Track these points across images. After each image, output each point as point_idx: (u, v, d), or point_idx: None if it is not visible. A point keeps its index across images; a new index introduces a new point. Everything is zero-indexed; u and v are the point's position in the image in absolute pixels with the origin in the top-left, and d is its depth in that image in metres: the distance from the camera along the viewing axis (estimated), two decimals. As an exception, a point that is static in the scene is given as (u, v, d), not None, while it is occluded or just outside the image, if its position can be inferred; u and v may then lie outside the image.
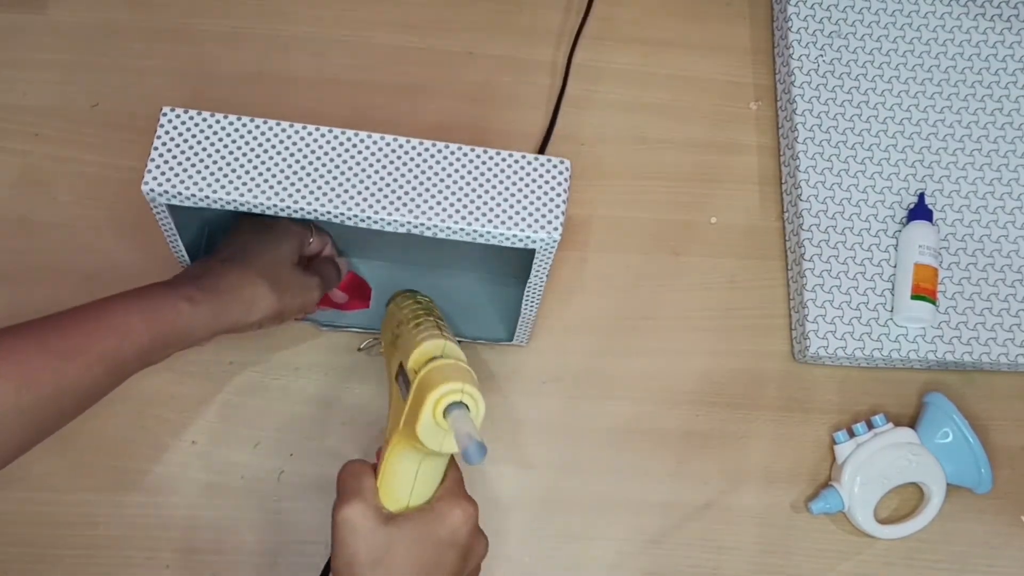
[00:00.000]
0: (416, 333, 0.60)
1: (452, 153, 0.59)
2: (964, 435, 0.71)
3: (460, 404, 0.52)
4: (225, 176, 0.57)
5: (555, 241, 0.58)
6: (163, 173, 0.56)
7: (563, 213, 0.58)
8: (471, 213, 0.57)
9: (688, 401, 0.75)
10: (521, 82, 0.82)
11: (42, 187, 0.75)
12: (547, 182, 0.59)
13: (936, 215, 0.78)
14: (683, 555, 0.71)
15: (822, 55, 0.82)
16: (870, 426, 0.72)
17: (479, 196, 0.58)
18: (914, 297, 0.74)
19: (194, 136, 0.57)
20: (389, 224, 0.57)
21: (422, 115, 0.80)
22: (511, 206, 0.58)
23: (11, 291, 0.72)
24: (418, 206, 0.57)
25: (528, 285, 0.64)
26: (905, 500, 0.73)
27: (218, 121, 0.58)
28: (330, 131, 0.59)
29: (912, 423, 0.74)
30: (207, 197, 0.56)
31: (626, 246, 0.78)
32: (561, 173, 0.59)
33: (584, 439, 0.73)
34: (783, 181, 0.81)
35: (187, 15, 0.81)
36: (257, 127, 0.58)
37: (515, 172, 0.59)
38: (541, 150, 0.79)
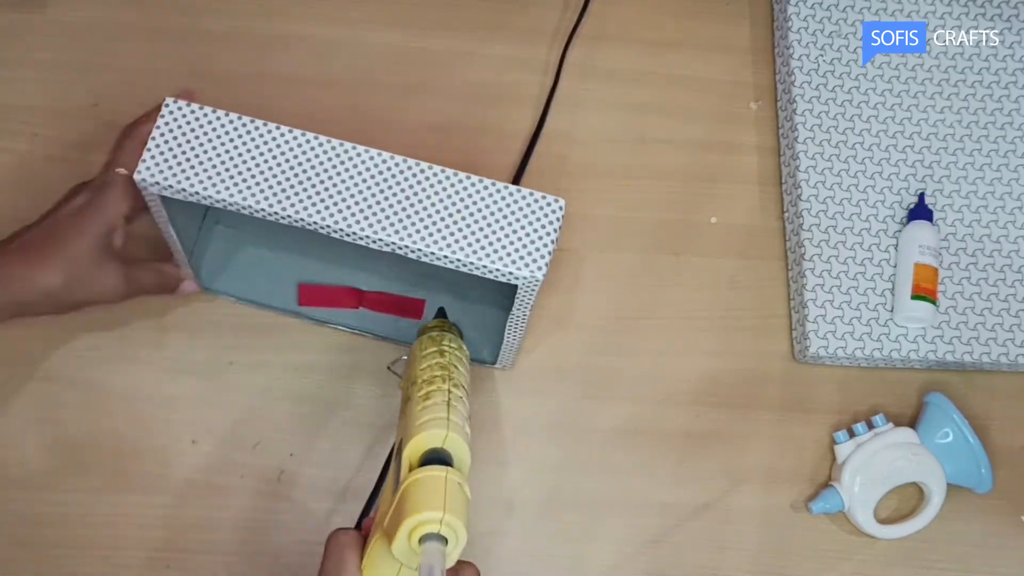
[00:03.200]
0: (421, 412, 0.57)
1: (448, 178, 0.58)
2: (964, 435, 0.71)
3: (436, 536, 0.49)
4: (219, 174, 0.56)
5: (538, 280, 0.57)
6: (157, 164, 0.56)
7: (550, 253, 0.57)
8: (456, 242, 0.56)
9: (688, 401, 0.75)
10: (520, 82, 0.82)
11: (42, 187, 0.75)
12: (539, 219, 0.58)
13: (936, 215, 0.78)
14: (683, 555, 0.71)
15: (822, 55, 0.82)
16: (870, 426, 0.72)
17: (467, 225, 0.57)
18: (914, 297, 0.74)
19: (193, 130, 0.57)
20: (374, 242, 0.57)
21: (420, 114, 0.80)
22: (499, 239, 0.57)
23: (11, 291, 0.72)
24: (405, 228, 0.56)
25: (511, 317, 0.63)
26: (905, 500, 0.73)
27: (219, 118, 0.58)
28: (329, 141, 0.58)
29: (912, 423, 0.74)
30: (197, 193, 0.56)
31: (626, 246, 0.78)
32: (554, 212, 0.58)
33: (584, 439, 0.73)
34: (783, 181, 0.81)
35: (187, 15, 0.81)
36: (256, 128, 0.58)
37: (507, 205, 0.58)
38: (529, 149, 0.78)
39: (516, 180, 0.77)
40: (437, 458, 0.54)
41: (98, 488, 0.68)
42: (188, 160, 0.56)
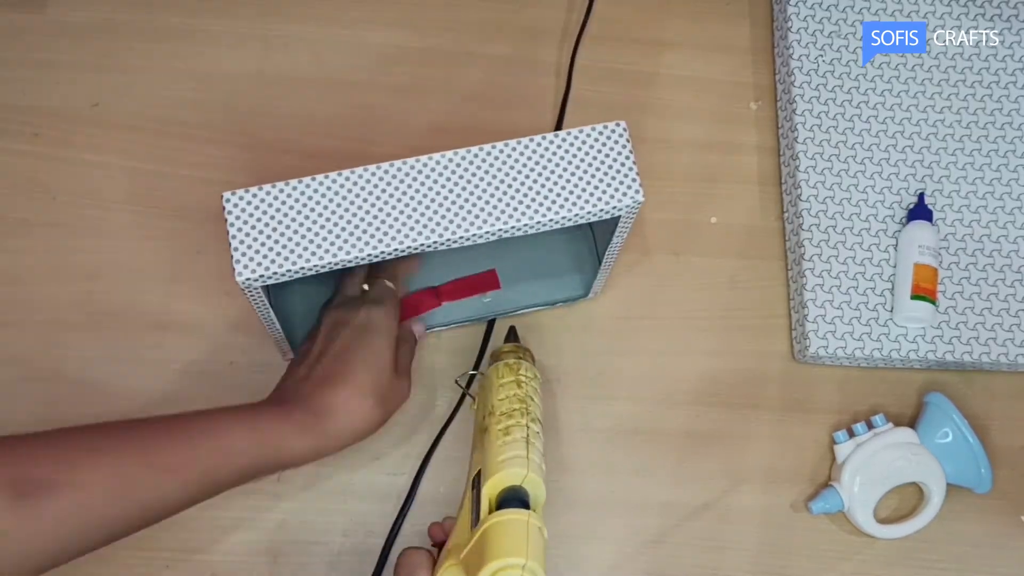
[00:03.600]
0: (501, 446, 0.59)
1: (513, 150, 0.59)
2: (964, 435, 0.71)
3: None
4: (312, 241, 0.56)
5: (639, 204, 0.59)
6: (251, 259, 0.55)
7: (637, 175, 0.59)
8: (554, 202, 0.58)
9: (688, 401, 0.75)
10: (521, 82, 0.82)
11: (42, 187, 0.75)
12: (611, 149, 0.59)
13: (936, 215, 0.78)
14: (683, 555, 0.71)
15: (822, 55, 0.82)
16: (870, 426, 0.72)
17: (555, 183, 0.58)
18: (914, 297, 0.74)
19: (264, 212, 0.56)
20: (481, 237, 0.57)
21: (422, 115, 0.80)
22: (588, 183, 0.58)
23: (11, 291, 0.72)
24: (503, 212, 0.57)
25: (610, 246, 0.65)
26: (905, 500, 0.73)
27: (281, 190, 0.57)
28: (379, 167, 0.58)
29: (912, 423, 0.74)
30: (303, 268, 0.56)
31: (626, 246, 0.78)
32: (620, 135, 0.60)
33: (584, 439, 0.73)
34: (783, 181, 0.81)
35: (187, 15, 0.81)
36: (321, 183, 0.57)
37: (578, 148, 0.59)
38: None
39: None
40: (516, 497, 0.56)
41: (98, 488, 0.68)
42: (276, 241, 0.56)
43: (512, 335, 0.71)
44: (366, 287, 0.67)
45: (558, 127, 0.80)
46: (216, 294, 0.73)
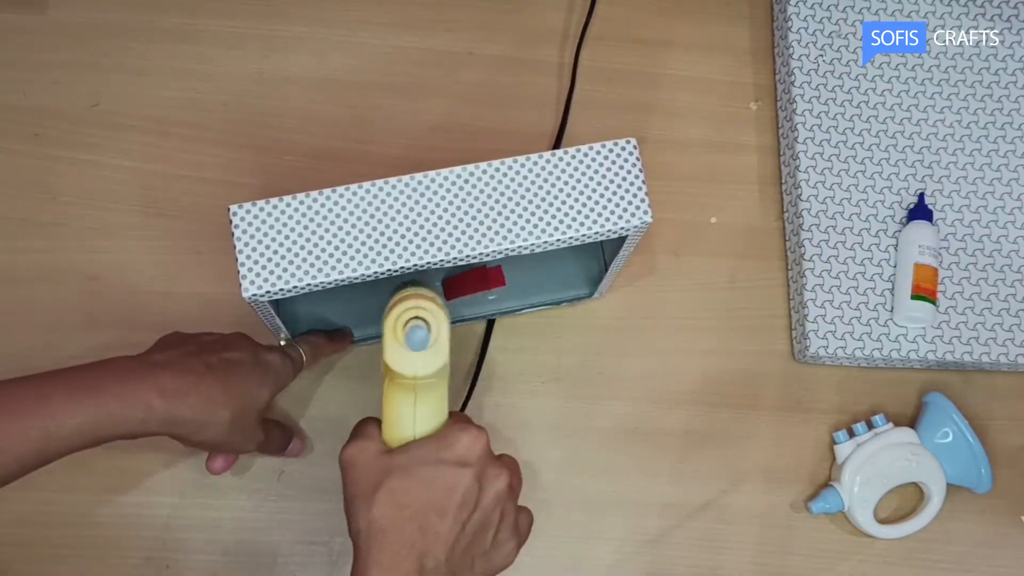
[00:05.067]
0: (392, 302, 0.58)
1: (522, 166, 0.58)
2: (964, 435, 0.71)
3: (417, 322, 0.53)
4: (319, 258, 0.56)
5: (647, 224, 0.58)
6: (258, 274, 0.55)
7: (646, 194, 0.58)
8: (562, 222, 0.57)
9: (688, 401, 0.75)
10: (521, 82, 0.82)
11: (42, 187, 0.75)
12: (621, 167, 0.58)
13: (936, 215, 0.78)
14: (683, 555, 0.71)
15: (822, 55, 0.82)
16: (870, 426, 0.72)
17: (563, 202, 0.57)
18: (914, 297, 0.74)
19: (271, 227, 0.56)
20: (487, 255, 0.57)
21: (422, 115, 0.80)
22: (596, 202, 0.58)
23: (11, 291, 0.72)
24: (510, 230, 0.57)
25: (616, 258, 0.65)
26: (905, 500, 0.73)
27: (288, 204, 0.56)
28: (400, 180, 0.57)
29: (912, 423, 0.74)
30: (309, 284, 0.55)
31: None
32: (631, 153, 0.59)
33: (584, 439, 0.73)
34: (783, 181, 0.81)
35: (187, 15, 0.81)
36: (328, 198, 0.57)
37: (587, 167, 0.58)
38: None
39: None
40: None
41: (97, 488, 0.68)
42: (283, 257, 0.56)
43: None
44: (283, 342, 0.66)
45: (562, 128, 0.79)
46: (216, 294, 0.73)
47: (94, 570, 0.67)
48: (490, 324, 0.74)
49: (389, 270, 0.56)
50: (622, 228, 0.58)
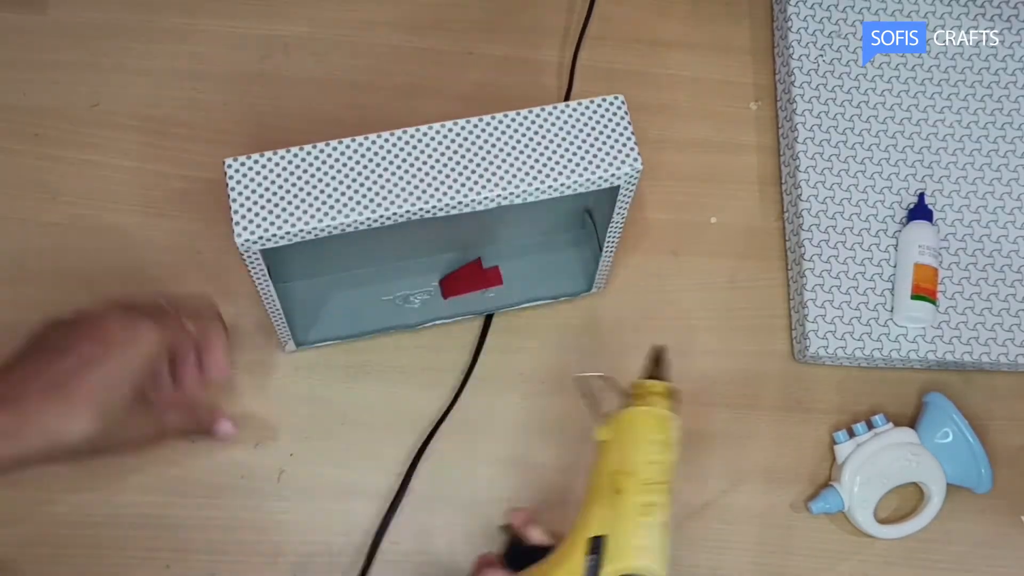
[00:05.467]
0: (637, 527, 0.55)
1: (512, 120, 0.59)
2: (964, 435, 0.71)
3: None
4: (311, 206, 0.56)
5: (638, 172, 0.59)
6: (251, 221, 0.56)
7: (635, 144, 0.59)
8: (552, 170, 0.58)
9: (688, 401, 0.74)
10: (521, 82, 0.82)
11: (42, 187, 0.75)
12: (610, 120, 0.60)
13: (936, 215, 0.78)
14: (682, 555, 0.71)
15: (822, 55, 0.82)
16: (870, 426, 0.72)
17: (555, 152, 0.59)
18: (914, 297, 0.74)
19: (265, 178, 0.57)
20: (480, 204, 0.58)
21: (422, 115, 0.79)
22: (587, 151, 0.59)
23: (12, 291, 0.72)
24: (502, 179, 0.58)
25: (611, 225, 0.65)
26: (905, 500, 0.73)
27: (283, 157, 0.57)
28: (392, 134, 0.59)
29: (912, 423, 0.74)
30: (302, 231, 0.56)
31: (627, 246, 0.78)
32: (620, 108, 0.60)
33: (584, 439, 0.73)
34: (783, 181, 0.81)
35: (187, 15, 0.81)
36: (322, 151, 0.58)
37: (577, 119, 0.60)
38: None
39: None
40: None
41: (98, 488, 0.68)
42: (276, 205, 0.56)
43: (659, 362, 0.61)
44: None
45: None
46: (216, 294, 0.73)
47: (94, 570, 0.67)
48: (488, 319, 0.74)
49: (382, 216, 0.57)
50: (613, 176, 0.59)
